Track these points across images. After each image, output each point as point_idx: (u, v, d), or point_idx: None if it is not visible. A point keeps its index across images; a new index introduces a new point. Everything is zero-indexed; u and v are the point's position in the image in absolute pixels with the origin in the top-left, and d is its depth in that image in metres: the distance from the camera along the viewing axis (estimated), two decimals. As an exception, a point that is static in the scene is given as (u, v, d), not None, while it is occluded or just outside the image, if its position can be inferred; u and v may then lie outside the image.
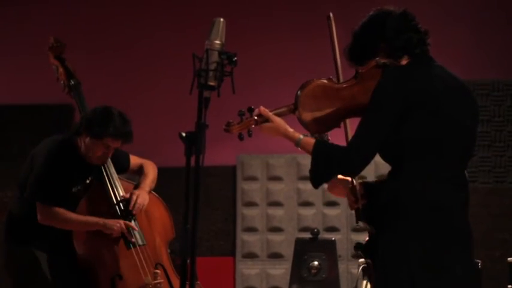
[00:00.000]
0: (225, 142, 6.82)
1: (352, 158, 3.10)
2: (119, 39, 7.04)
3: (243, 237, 6.87)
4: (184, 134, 3.01)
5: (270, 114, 3.24)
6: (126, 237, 4.33)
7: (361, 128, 3.10)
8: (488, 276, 5.97)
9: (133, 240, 4.34)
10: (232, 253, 6.88)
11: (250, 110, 3.25)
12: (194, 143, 2.99)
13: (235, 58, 3.03)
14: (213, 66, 3.00)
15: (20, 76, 7.10)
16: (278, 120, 3.24)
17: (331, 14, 3.43)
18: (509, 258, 5.15)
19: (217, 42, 3.03)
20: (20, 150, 6.90)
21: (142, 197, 4.42)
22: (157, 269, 4.33)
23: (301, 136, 3.21)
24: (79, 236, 4.32)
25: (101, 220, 4.29)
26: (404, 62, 3.19)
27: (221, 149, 6.77)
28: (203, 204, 6.51)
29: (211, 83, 3.01)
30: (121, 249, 4.35)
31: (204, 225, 6.69)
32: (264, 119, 3.25)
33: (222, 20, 3.06)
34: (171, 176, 6.37)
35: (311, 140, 3.19)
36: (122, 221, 4.32)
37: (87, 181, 4.42)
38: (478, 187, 6.71)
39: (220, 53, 3.01)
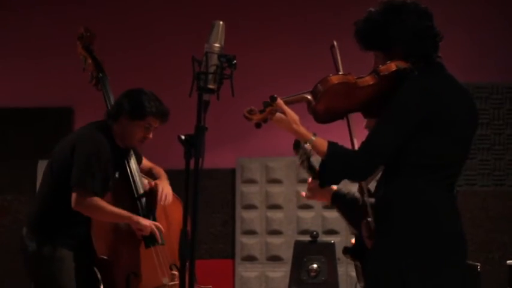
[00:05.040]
0: (224, 145, 6.84)
1: (364, 164, 3.08)
2: (118, 41, 7.05)
3: (242, 240, 6.87)
4: (183, 137, 3.02)
5: (286, 107, 3.17)
6: (146, 236, 4.26)
7: (376, 135, 3.08)
8: (487, 279, 5.97)
9: (159, 240, 4.27)
10: (232, 256, 6.88)
11: (273, 99, 3.17)
12: (193, 146, 2.99)
13: (235, 61, 3.04)
14: (212, 69, 3.01)
15: (20, 79, 7.11)
16: (292, 115, 3.18)
17: (335, 43, 3.40)
18: (508, 261, 5.16)
19: (217, 45, 3.03)
20: (19, 154, 6.92)
21: (168, 188, 4.42)
22: (172, 270, 4.32)
23: (313, 137, 3.17)
24: (98, 232, 4.23)
25: (134, 216, 4.22)
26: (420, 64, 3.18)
27: (221, 152, 6.78)
28: (202, 207, 6.52)
29: (211, 86, 3.01)
30: (140, 248, 4.30)
31: (203, 228, 6.69)
32: (279, 111, 3.18)
33: (221, 22, 3.06)
34: (170, 178, 6.37)
35: (324, 141, 3.15)
36: (152, 222, 4.27)
37: (116, 175, 4.35)
38: (477, 190, 6.72)
39: (219, 56, 3.02)
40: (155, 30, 7.07)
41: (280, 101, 3.17)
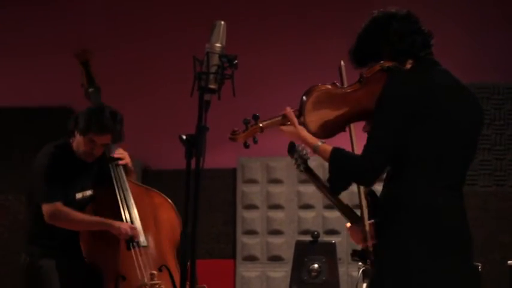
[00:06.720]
0: (225, 145, 6.79)
1: (366, 167, 3.06)
2: (119, 42, 7.05)
3: (243, 240, 6.87)
4: (184, 137, 3.01)
5: (294, 117, 3.21)
6: (127, 238, 4.35)
7: (370, 136, 3.08)
8: (488, 279, 5.97)
9: (140, 239, 4.37)
10: (233, 256, 6.88)
11: (256, 118, 3.22)
12: (194, 145, 2.99)
13: (236, 61, 3.03)
14: (213, 69, 3.00)
15: (20, 79, 7.11)
16: (298, 124, 3.21)
17: (342, 63, 3.40)
18: (509, 261, 5.16)
19: (218, 45, 3.03)
20: (20, 153, 6.91)
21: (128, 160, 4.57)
22: (161, 271, 4.34)
23: (319, 143, 3.17)
24: (85, 238, 4.34)
25: (107, 220, 4.32)
26: (408, 65, 3.17)
27: (222, 152, 6.77)
28: (203, 207, 6.52)
29: (212, 86, 3.01)
30: (122, 251, 4.37)
31: (204, 228, 6.69)
32: (286, 121, 3.22)
33: (222, 22, 3.06)
34: (171, 178, 6.37)
35: (328, 147, 3.16)
36: (127, 224, 4.37)
37: (91, 192, 4.47)
38: (478, 190, 6.71)
39: (220, 56, 3.01)
40: (156, 29, 7.06)
41: (290, 110, 3.21)
